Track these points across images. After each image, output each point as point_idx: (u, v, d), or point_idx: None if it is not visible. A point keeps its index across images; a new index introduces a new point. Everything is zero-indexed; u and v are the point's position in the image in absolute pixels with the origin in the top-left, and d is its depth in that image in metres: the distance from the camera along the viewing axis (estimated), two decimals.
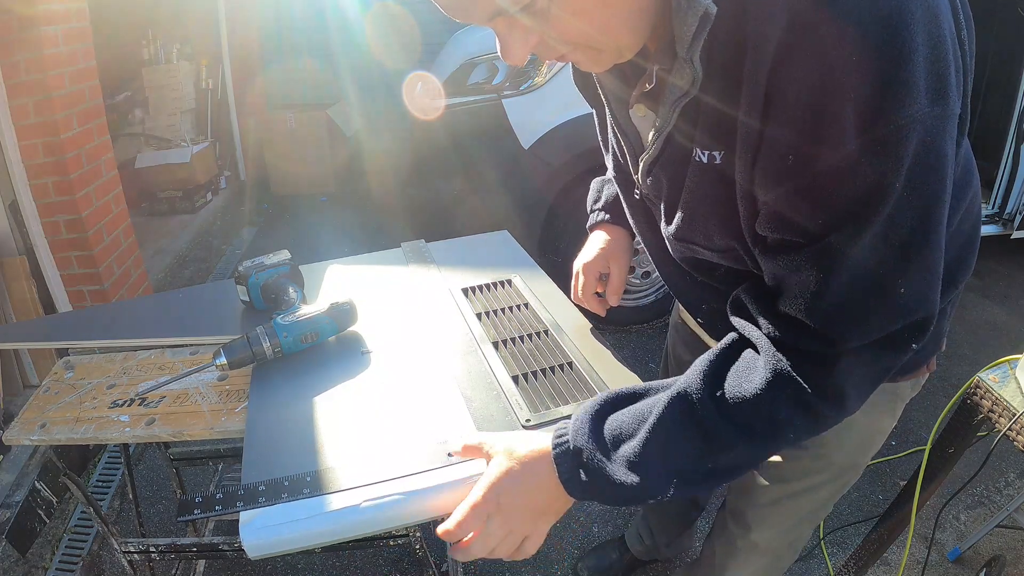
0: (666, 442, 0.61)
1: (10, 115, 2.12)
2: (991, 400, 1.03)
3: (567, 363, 0.91)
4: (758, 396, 0.59)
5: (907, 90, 0.46)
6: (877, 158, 0.48)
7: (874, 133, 0.47)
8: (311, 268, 1.25)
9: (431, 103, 2.57)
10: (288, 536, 0.67)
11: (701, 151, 0.61)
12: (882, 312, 0.55)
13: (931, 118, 0.47)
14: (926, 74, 0.47)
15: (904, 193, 0.49)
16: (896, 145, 0.47)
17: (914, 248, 0.52)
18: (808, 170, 0.50)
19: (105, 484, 1.99)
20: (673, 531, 1.53)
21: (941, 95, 0.48)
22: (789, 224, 0.55)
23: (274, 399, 0.88)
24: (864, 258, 0.52)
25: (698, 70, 0.56)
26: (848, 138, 0.47)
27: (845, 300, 0.55)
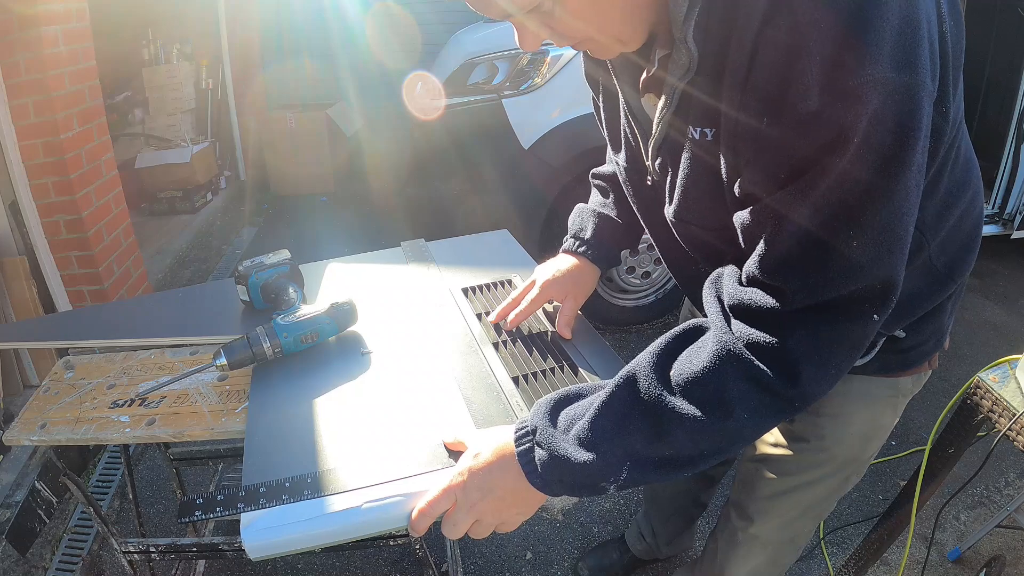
0: (615, 421, 0.61)
1: (10, 115, 2.12)
2: (991, 400, 1.03)
3: (567, 363, 0.91)
4: (705, 371, 0.58)
5: (869, 52, 0.49)
6: (835, 112, 0.50)
7: (834, 88, 0.49)
8: (311, 268, 1.25)
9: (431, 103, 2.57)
10: (289, 537, 0.67)
11: (694, 128, 0.64)
12: (830, 268, 0.55)
13: (894, 83, 0.49)
14: (892, 43, 0.49)
15: (861, 151, 0.50)
16: (854, 101, 0.49)
17: (868, 208, 0.53)
18: (775, 127, 0.53)
19: (105, 484, 1.99)
20: (674, 530, 1.53)
21: (908, 65, 0.50)
22: (756, 179, 0.57)
23: (274, 399, 0.88)
24: (816, 211, 0.53)
25: (694, 51, 0.59)
26: (811, 94, 0.50)
27: (794, 250, 0.56)
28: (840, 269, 0.55)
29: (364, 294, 1.11)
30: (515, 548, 1.73)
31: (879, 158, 0.51)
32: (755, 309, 0.58)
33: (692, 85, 0.62)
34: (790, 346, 0.56)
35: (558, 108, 2.27)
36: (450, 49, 2.83)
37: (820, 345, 0.57)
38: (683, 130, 0.66)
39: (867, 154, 0.51)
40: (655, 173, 0.77)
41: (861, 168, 0.51)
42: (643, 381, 0.62)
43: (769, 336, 0.57)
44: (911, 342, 0.84)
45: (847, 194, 0.52)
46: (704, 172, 0.66)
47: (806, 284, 0.56)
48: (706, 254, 0.77)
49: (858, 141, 0.50)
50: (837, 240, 0.54)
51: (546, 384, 0.87)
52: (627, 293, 2.57)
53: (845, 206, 0.53)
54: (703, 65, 0.59)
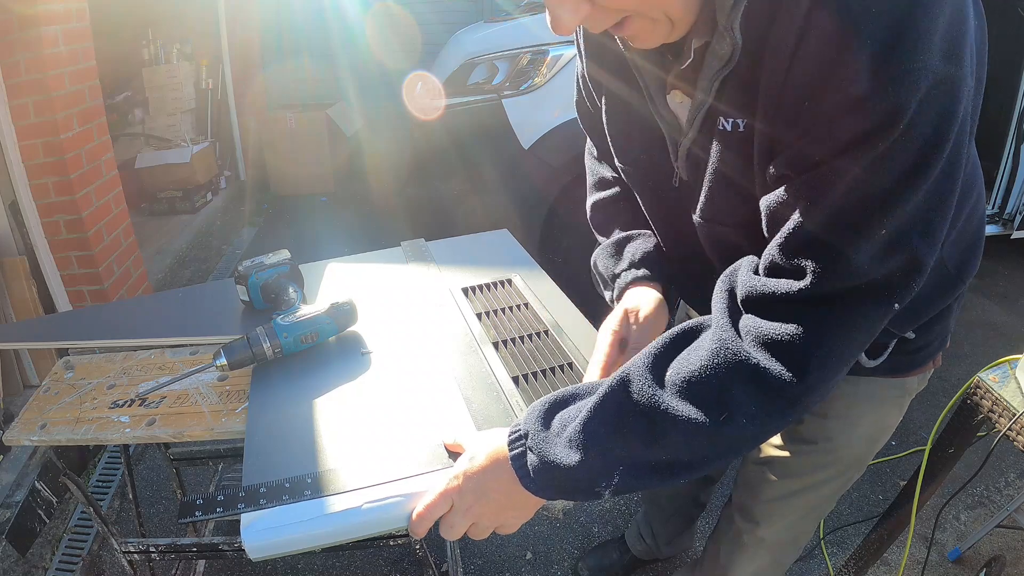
0: (608, 424, 0.59)
1: (10, 115, 2.12)
2: (991, 400, 1.03)
3: (567, 363, 0.91)
4: (703, 370, 0.56)
5: (921, 41, 0.48)
6: (885, 98, 0.49)
7: (886, 74, 0.49)
8: (311, 268, 1.25)
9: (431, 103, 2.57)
10: (289, 537, 0.67)
11: (725, 120, 0.62)
12: (858, 253, 0.53)
13: (942, 74, 0.49)
14: (943, 33, 0.49)
15: (904, 138, 0.50)
16: (907, 88, 0.49)
17: (899, 193, 0.52)
18: (820, 105, 0.52)
19: (105, 484, 1.99)
20: (674, 530, 1.53)
21: (955, 58, 0.50)
22: (794, 160, 0.56)
23: (274, 400, 0.88)
24: (849, 194, 0.53)
25: (738, 39, 0.57)
26: (862, 78, 0.49)
27: (820, 233, 0.54)
28: (867, 255, 0.53)
29: (364, 294, 1.11)
30: (515, 548, 1.73)
31: (919, 146, 0.51)
32: (770, 296, 0.56)
33: (732, 75, 0.60)
34: (798, 338, 0.54)
35: (558, 108, 2.27)
36: (450, 49, 2.83)
37: (832, 334, 0.55)
38: (714, 123, 0.64)
39: (908, 142, 0.50)
40: (685, 173, 0.73)
41: (900, 154, 0.51)
42: (637, 382, 0.60)
43: (780, 326, 0.55)
44: (920, 343, 0.84)
45: (884, 181, 0.51)
46: (734, 166, 0.63)
47: (830, 268, 0.54)
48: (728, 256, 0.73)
49: (903, 127, 0.50)
50: (867, 226, 0.53)
51: (546, 384, 0.87)
52: None
53: (881, 192, 0.52)
54: (744, 53, 0.58)
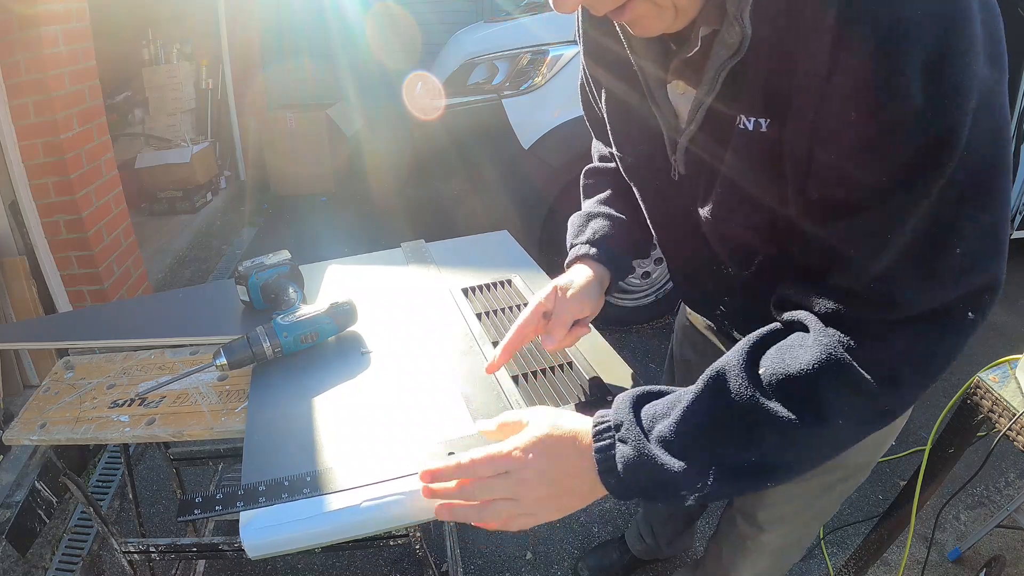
0: (701, 422, 0.57)
1: (10, 115, 2.12)
2: (991, 400, 1.03)
3: (567, 363, 0.91)
4: (802, 374, 0.55)
5: (970, 49, 0.47)
6: (941, 112, 0.48)
7: (939, 87, 0.47)
8: (311, 268, 1.25)
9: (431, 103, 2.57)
10: (288, 536, 0.67)
11: (747, 119, 0.59)
12: (937, 274, 0.52)
13: (990, 81, 0.48)
14: (984, 39, 0.48)
15: (966, 153, 0.49)
16: (960, 100, 0.47)
17: (970, 207, 0.51)
18: (873, 123, 0.49)
19: (105, 484, 1.99)
20: (674, 530, 1.53)
21: (997, 61, 0.49)
22: (847, 182, 0.53)
23: (274, 399, 0.88)
24: (921, 217, 0.51)
25: (747, 28, 0.55)
26: (915, 91, 0.47)
27: (900, 261, 0.53)
28: (949, 275, 0.52)
29: (364, 294, 1.11)
30: (515, 548, 1.73)
31: (980, 159, 0.49)
32: (859, 320, 0.55)
33: (740, 70, 0.58)
34: (893, 353, 0.54)
35: (558, 108, 2.27)
36: (450, 49, 2.83)
37: (923, 352, 0.55)
38: (726, 120, 0.61)
39: (970, 156, 0.49)
40: (683, 168, 0.71)
41: (965, 171, 0.49)
42: (734, 379, 0.57)
43: (872, 343, 0.54)
44: None
45: (953, 199, 0.50)
46: (756, 165, 0.61)
47: (913, 296, 0.53)
48: (738, 251, 0.72)
49: (964, 141, 0.48)
50: (945, 249, 0.52)
51: (546, 383, 0.87)
52: (627, 293, 2.57)
53: (954, 214, 0.51)
54: (757, 46, 0.55)
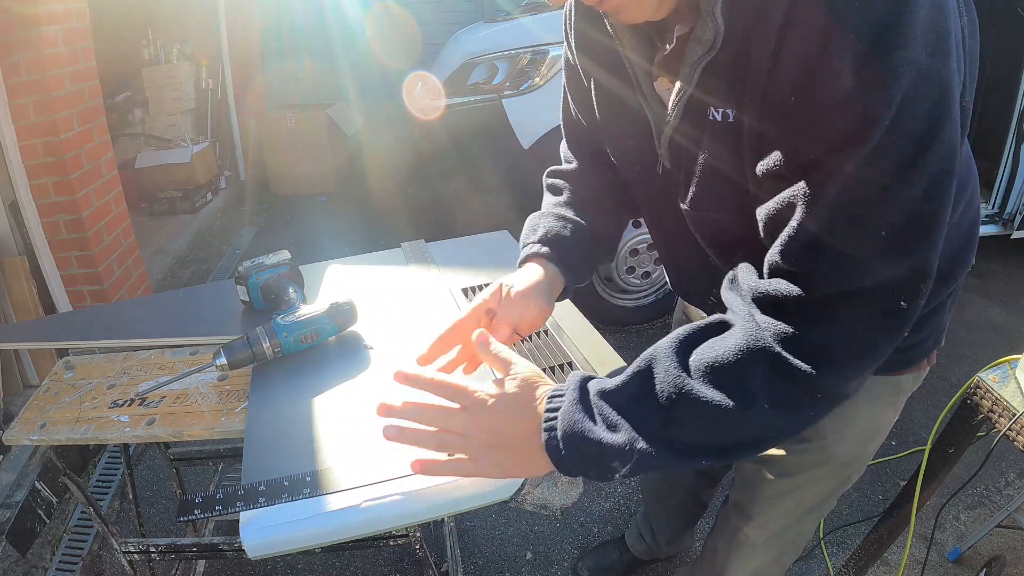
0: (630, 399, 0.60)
1: (10, 115, 2.12)
2: (991, 400, 1.03)
3: (567, 363, 0.91)
4: (728, 357, 0.56)
5: (904, 35, 0.48)
6: (870, 92, 0.49)
7: (870, 68, 0.49)
8: (311, 268, 1.25)
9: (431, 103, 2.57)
10: (288, 536, 0.67)
11: (716, 110, 0.62)
12: (859, 253, 0.53)
13: (927, 68, 0.49)
14: (924, 28, 0.49)
15: (891, 133, 0.50)
16: (889, 81, 0.49)
17: (895, 191, 0.52)
18: (807, 104, 0.52)
19: (105, 484, 1.99)
20: (674, 530, 1.53)
21: (940, 51, 0.50)
22: (784, 160, 0.56)
23: (274, 399, 0.88)
24: (844, 193, 0.52)
25: (720, 25, 0.57)
26: (845, 73, 0.50)
27: (821, 234, 0.54)
28: (866, 258, 0.53)
29: (364, 294, 1.11)
30: (515, 548, 1.73)
31: (911, 142, 0.50)
32: (780, 298, 0.56)
33: (714, 63, 0.60)
34: (818, 338, 0.55)
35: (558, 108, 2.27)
36: (450, 49, 2.83)
37: (850, 336, 0.55)
38: (702, 113, 0.64)
39: (899, 138, 0.50)
40: (668, 161, 0.74)
41: (892, 151, 0.50)
42: (662, 362, 0.60)
43: (796, 325, 0.55)
44: (912, 340, 0.84)
45: (877, 178, 0.51)
46: (724, 155, 0.64)
47: (833, 270, 0.54)
48: (721, 243, 0.74)
49: (889, 123, 0.49)
50: (866, 225, 0.53)
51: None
52: (627, 293, 2.57)
53: (876, 189, 0.52)
54: (728, 41, 0.58)
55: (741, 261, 0.72)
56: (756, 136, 0.59)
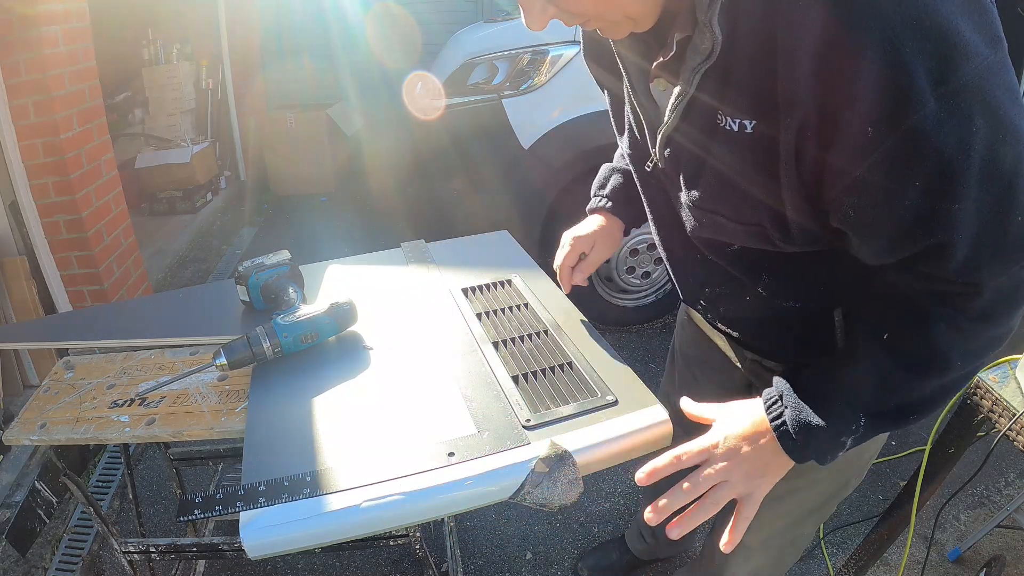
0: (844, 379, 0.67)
1: (10, 115, 2.12)
2: (991, 400, 1.02)
3: (567, 363, 0.91)
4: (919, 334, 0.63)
5: (965, 42, 0.48)
6: (958, 109, 0.49)
7: (948, 86, 0.48)
8: (311, 268, 1.25)
9: (431, 103, 2.57)
10: (288, 536, 0.67)
11: (732, 120, 0.61)
12: (1011, 246, 0.56)
13: (993, 62, 0.49)
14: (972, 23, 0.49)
15: (993, 134, 0.50)
16: (972, 92, 0.49)
17: (1019, 180, 0.53)
18: (892, 134, 0.50)
19: (105, 484, 1.99)
20: None
21: (994, 38, 0.50)
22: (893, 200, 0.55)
23: (274, 399, 0.88)
24: (978, 212, 0.53)
25: (718, 35, 0.57)
26: (926, 96, 0.48)
27: (975, 251, 0.56)
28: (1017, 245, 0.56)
29: (364, 295, 1.11)
30: (515, 548, 1.73)
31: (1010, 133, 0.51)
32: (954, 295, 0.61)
33: (720, 70, 0.60)
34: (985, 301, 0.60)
35: (558, 108, 2.27)
36: (450, 49, 2.83)
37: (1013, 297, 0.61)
38: (707, 118, 0.64)
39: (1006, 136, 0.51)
40: (663, 161, 0.75)
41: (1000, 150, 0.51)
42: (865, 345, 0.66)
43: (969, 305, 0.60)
44: None
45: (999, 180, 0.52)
46: (743, 164, 0.63)
47: (994, 271, 0.58)
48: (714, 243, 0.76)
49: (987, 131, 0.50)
50: (1007, 227, 0.54)
51: (546, 383, 0.87)
52: (627, 293, 2.57)
53: (1001, 188, 0.52)
54: (736, 49, 0.57)
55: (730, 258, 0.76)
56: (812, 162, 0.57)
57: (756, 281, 0.78)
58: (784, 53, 0.53)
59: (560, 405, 0.83)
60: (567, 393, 0.85)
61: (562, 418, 0.80)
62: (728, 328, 0.91)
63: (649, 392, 0.84)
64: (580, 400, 0.83)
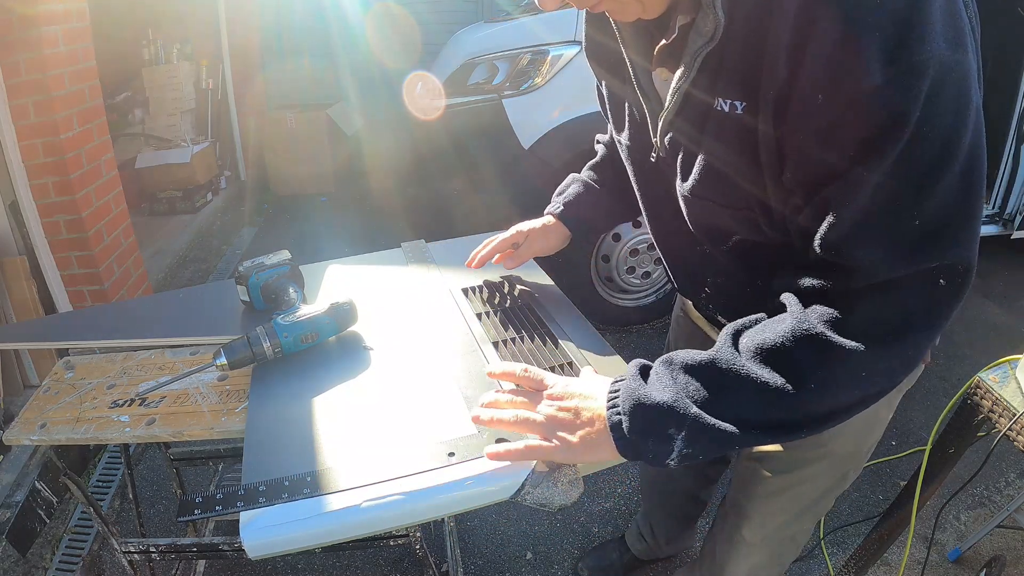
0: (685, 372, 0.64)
1: (10, 115, 2.12)
2: (991, 400, 1.03)
3: (567, 363, 0.91)
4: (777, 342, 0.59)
5: (927, 30, 0.49)
6: (898, 90, 0.50)
7: (897, 66, 0.50)
8: (311, 268, 1.25)
9: (431, 103, 2.57)
10: (288, 536, 0.67)
11: (723, 100, 0.62)
12: (897, 246, 0.55)
13: (950, 60, 0.50)
14: (943, 21, 0.50)
15: (922, 127, 0.51)
16: (916, 77, 0.50)
17: (929, 184, 0.53)
18: (835, 104, 0.53)
19: (105, 484, 1.99)
20: (674, 529, 1.53)
21: (959, 44, 0.51)
22: (816, 163, 0.56)
23: (274, 399, 0.88)
24: (879, 189, 0.54)
25: (721, 17, 0.58)
26: (874, 71, 0.50)
27: (859, 231, 0.56)
28: (908, 245, 0.55)
29: (364, 294, 1.11)
30: (515, 548, 1.73)
31: (941, 135, 0.51)
32: (828, 292, 0.59)
33: (718, 54, 0.61)
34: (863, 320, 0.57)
35: (558, 108, 2.27)
36: (450, 49, 2.83)
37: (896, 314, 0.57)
38: (704, 103, 0.65)
39: (929, 133, 0.51)
40: (663, 149, 0.76)
41: (924, 146, 0.52)
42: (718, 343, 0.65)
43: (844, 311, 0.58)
44: None
45: (911, 172, 0.53)
46: (731, 146, 0.64)
47: (875, 262, 0.56)
48: (715, 230, 0.76)
49: (918, 118, 0.50)
50: (899, 221, 0.54)
51: None
52: (627, 293, 2.57)
53: (909, 183, 0.53)
54: (732, 32, 0.59)
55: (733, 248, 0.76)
56: (776, 139, 0.59)
57: (755, 274, 0.78)
58: (773, 33, 0.55)
59: None
60: None
61: None
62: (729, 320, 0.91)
63: None
64: None
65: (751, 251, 0.74)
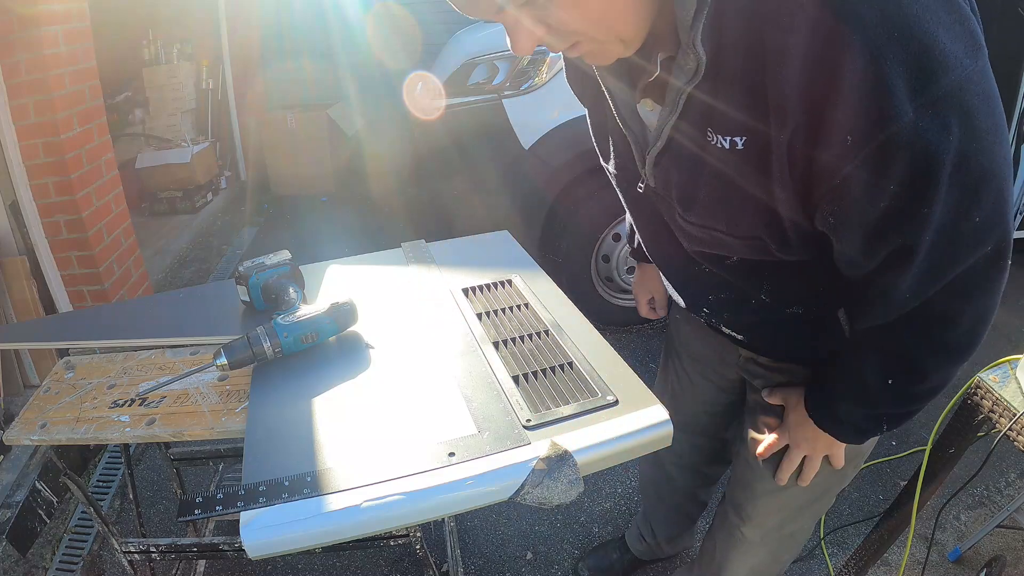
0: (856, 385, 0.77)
1: (10, 115, 2.12)
2: (991, 400, 1.02)
3: (567, 363, 0.91)
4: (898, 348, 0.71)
5: (948, 52, 0.49)
6: (936, 118, 0.50)
7: (927, 97, 0.49)
8: (311, 268, 1.25)
9: (431, 103, 2.57)
10: (289, 536, 0.67)
11: (722, 137, 0.61)
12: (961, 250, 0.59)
13: (974, 72, 0.50)
14: (958, 30, 0.50)
15: (967, 143, 0.51)
16: (950, 102, 0.50)
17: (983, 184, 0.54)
18: (870, 143, 0.52)
19: (105, 484, 1.99)
20: (674, 529, 1.53)
21: (976, 48, 0.51)
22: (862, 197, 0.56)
23: (274, 399, 0.88)
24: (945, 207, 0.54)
25: (701, 55, 0.57)
26: (904, 107, 0.49)
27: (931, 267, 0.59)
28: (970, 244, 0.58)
29: (364, 295, 1.11)
30: (515, 548, 1.73)
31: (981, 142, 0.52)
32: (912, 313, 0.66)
33: (708, 91, 0.59)
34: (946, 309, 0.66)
35: (558, 108, 2.27)
36: (450, 49, 2.83)
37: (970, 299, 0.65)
38: (697, 137, 0.64)
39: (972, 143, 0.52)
40: (652, 181, 0.75)
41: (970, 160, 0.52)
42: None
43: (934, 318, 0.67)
44: None
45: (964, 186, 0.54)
46: (737, 181, 0.63)
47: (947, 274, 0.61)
48: (715, 256, 0.76)
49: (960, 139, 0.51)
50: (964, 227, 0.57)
51: (546, 383, 0.87)
52: (627, 293, 2.57)
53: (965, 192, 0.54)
54: (722, 64, 0.57)
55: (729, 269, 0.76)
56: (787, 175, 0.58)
57: (758, 289, 0.78)
58: (774, 58, 0.53)
59: (560, 405, 0.83)
60: (567, 393, 0.85)
61: (562, 418, 0.80)
62: (734, 332, 0.91)
63: (649, 392, 0.84)
64: (580, 400, 0.83)
65: (755, 268, 0.74)
